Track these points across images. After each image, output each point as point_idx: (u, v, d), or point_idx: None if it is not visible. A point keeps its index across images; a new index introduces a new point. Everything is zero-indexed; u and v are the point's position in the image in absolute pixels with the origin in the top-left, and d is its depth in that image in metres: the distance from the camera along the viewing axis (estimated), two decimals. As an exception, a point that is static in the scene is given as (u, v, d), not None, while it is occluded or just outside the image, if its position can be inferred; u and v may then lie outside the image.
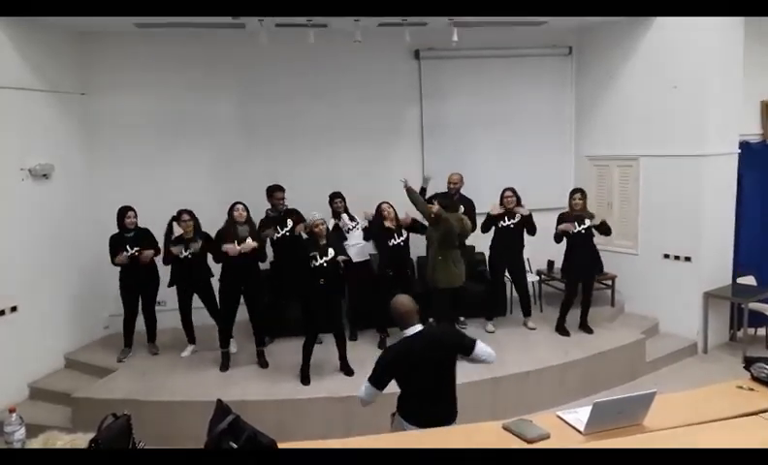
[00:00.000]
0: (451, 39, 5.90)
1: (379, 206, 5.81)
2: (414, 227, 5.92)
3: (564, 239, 5.97)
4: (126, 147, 6.45)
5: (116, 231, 5.65)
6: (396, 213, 5.82)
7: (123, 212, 5.61)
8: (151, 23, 5.77)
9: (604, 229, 5.87)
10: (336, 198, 6.17)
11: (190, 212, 5.57)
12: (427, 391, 3.11)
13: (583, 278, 6.04)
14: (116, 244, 5.60)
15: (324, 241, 5.14)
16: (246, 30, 6.07)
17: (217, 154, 6.77)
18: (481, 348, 3.19)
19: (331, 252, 5.10)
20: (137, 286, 5.74)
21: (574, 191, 6.04)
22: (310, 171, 6.76)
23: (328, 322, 5.26)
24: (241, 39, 6.29)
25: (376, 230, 5.86)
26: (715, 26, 5.98)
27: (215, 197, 6.08)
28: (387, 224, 5.74)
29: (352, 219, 6.15)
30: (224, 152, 6.77)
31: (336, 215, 6.12)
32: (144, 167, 6.47)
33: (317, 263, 5.06)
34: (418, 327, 3.15)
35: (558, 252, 6.21)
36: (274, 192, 5.95)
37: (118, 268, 5.69)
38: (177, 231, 5.62)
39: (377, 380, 3.11)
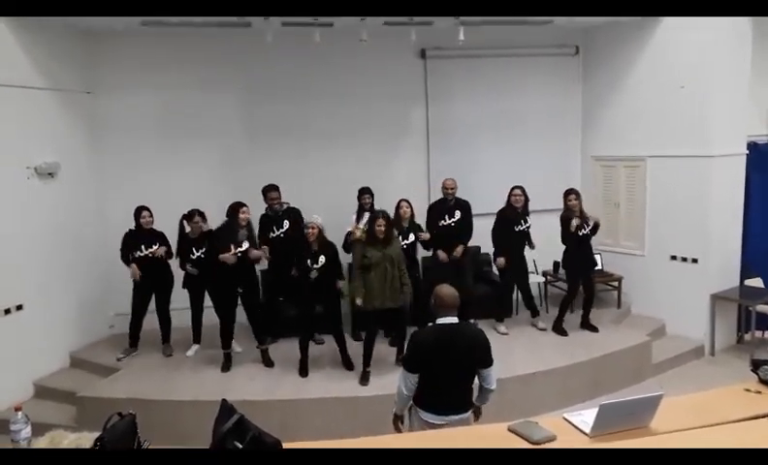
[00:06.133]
0: (457, 38, 5.89)
1: (398, 204, 5.77)
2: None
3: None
4: (131, 146, 6.46)
5: (126, 229, 5.65)
6: (413, 212, 5.82)
7: (138, 212, 5.61)
8: (157, 22, 5.76)
9: (596, 229, 6.05)
10: (364, 193, 6.11)
11: (201, 213, 5.57)
12: (440, 380, 3.17)
13: (584, 277, 6.08)
14: (129, 242, 5.60)
15: (315, 248, 5.13)
16: (252, 29, 6.06)
17: (222, 153, 6.76)
18: (493, 373, 3.28)
19: (322, 259, 5.12)
20: (151, 286, 5.72)
21: (570, 191, 6.02)
22: (315, 172, 6.76)
23: (325, 321, 5.34)
24: (247, 38, 6.27)
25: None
26: (722, 26, 5.94)
27: (220, 196, 6.05)
28: (403, 224, 5.72)
29: (359, 219, 6.07)
30: (229, 151, 6.76)
31: (362, 211, 6.03)
32: (148, 165, 6.48)
33: (310, 270, 5.12)
34: (449, 320, 3.19)
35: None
36: (269, 192, 5.90)
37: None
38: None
39: (410, 364, 3.22)
